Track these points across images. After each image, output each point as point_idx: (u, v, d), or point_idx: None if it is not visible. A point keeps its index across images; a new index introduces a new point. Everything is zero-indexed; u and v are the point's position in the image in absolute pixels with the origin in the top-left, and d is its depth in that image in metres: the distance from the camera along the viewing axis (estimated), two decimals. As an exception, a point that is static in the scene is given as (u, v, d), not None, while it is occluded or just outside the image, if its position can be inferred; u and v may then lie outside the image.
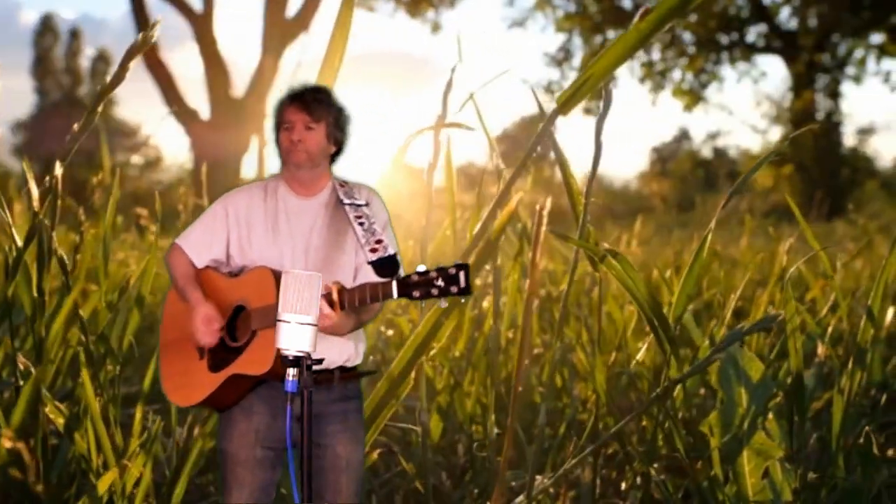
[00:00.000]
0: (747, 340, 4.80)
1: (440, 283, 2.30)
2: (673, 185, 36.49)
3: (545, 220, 2.56)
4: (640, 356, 4.46)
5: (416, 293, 2.33)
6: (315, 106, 2.62)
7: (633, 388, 5.12)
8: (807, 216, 16.95)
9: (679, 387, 3.54)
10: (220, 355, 2.63)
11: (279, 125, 2.65)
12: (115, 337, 3.85)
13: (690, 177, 36.78)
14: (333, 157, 2.72)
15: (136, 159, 33.23)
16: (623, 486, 4.26)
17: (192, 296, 2.66)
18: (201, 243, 2.71)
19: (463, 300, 2.31)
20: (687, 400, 4.65)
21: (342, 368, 2.66)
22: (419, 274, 2.34)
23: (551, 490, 3.76)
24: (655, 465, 4.03)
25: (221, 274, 2.71)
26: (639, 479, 4.09)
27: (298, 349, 2.32)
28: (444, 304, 2.39)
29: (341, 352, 2.65)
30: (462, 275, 2.29)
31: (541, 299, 5.56)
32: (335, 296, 2.41)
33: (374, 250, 2.46)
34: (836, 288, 4.67)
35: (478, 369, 4.68)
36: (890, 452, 4.91)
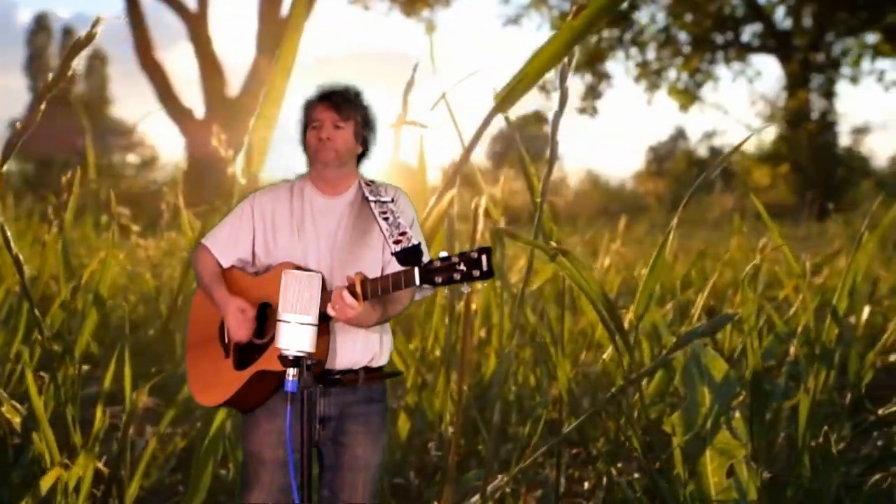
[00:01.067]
0: (720, 340, 4.80)
1: (462, 267, 2.30)
2: (668, 184, 36.43)
3: (481, 219, 2.55)
4: (606, 355, 4.45)
5: (439, 278, 2.33)
6: (344, 105, 2.62)
7: (605, 388, 5.11)
8: (800, 216, 16.96)
9: (638, 386, 3.53)
10: (245, 353, 2.63)
11: (307, 124, 2.65)
12: (83, 336, 3.85)
13: (685, 176, 36.75)
14: (360, 158, 2.71)
15: (131, 158, 33.23)
16: (586, 485, 4.26)
17: (217, 294, 2.65)
18: (228, 243, 2.71)
19: (485, 283, 2.31)
20: (661, 400, 4.64)
21: (367, 369, 2.64)
22: (441, 259, 2.34)
23: (508, 489, 3.75)
24: (620, 465, 4.03)
25: (247, 273, 2.70)
26: (604, 480, 4.08)
27: (298, 349, 2.33)
28: (466, 288, 2.38)
29: (365, 350, 2.63)
30: (484, 258, 2.29)
31: (514, 298, 5.55)
32: (358, 286, 2.41)
33: (397, 242, 2.45)
34: (805, 287, 4.66)
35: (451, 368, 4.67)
36: (864, 451, 4.90)
